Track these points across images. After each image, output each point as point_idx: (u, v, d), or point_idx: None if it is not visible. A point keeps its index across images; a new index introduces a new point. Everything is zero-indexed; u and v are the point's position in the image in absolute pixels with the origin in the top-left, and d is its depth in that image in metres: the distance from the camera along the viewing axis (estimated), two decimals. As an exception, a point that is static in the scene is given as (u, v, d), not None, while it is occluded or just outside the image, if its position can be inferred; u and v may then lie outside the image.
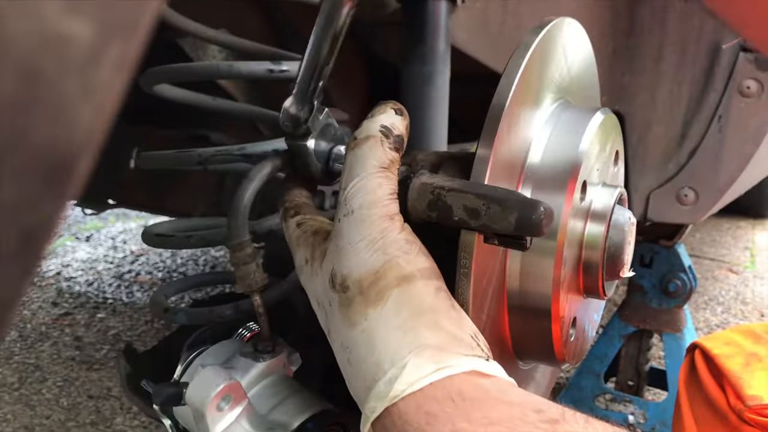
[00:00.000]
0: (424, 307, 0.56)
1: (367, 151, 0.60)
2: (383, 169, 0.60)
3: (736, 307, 3.11)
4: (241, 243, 0.66)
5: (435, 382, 0.52)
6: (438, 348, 0.54)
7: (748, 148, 1.36)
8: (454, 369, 0.53)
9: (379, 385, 0.54)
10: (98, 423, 1.88)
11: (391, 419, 0.53)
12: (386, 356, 0.54)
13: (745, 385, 0.88)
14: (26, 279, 0.22)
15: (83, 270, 3.10)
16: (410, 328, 0.55)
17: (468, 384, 0.53)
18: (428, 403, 0.52)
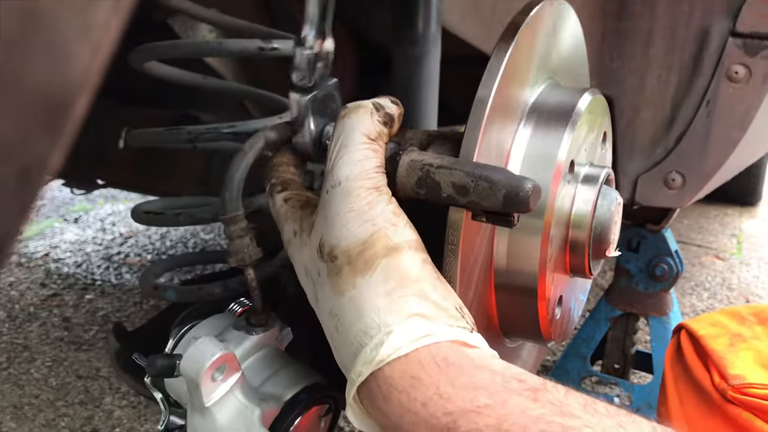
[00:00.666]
0: (411, 277, 0.57)
1: (355, 121, 0.61)
2: (371, 140, 0.60)
3: (722, 293, 3.14)
4: (235, 216, 0.67)
5: (420, 348, 0.53)
6: (424, 317, 0.55)
7: (735, 133, 1.37)
8: (439, 337, 0.54)
9: (365, 351, 0.55)
10: (87, 402, 1.89)
11: (377, 383, 0.54)
12: (373, 323, 0.55)
13: (729, 364, 0.89)
14: (22, 217, 0.22)
15: (72, 251, 3.09)
16: (398, 296, 0.56)
17: (453, 351, 0.54)
18: (413, 367, 0.53)
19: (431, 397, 0.51)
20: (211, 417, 0.64)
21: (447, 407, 0.51)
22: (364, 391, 0.56)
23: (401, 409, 0.52)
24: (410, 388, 0.52)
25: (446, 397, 0.51)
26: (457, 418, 0.50)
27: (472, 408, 0.50)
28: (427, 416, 0.51)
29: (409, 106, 1.09)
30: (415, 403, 0.52)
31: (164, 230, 3.44)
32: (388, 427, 0.54)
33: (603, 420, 0.48)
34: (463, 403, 0.50)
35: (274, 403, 0.67)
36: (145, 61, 0.91)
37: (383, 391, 0.53)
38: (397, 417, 0.53)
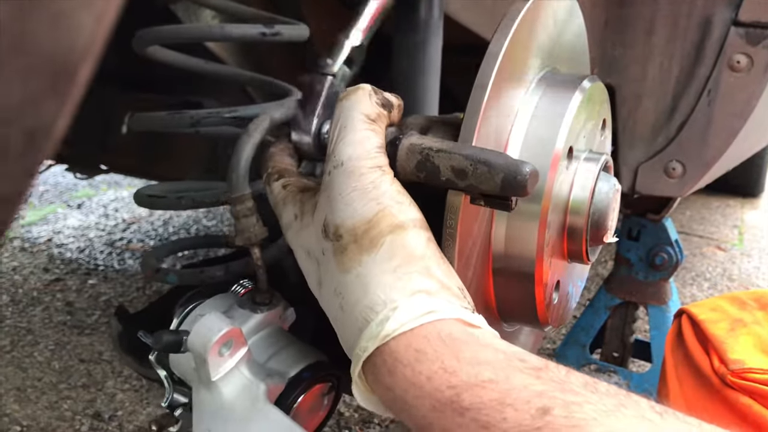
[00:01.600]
0: (416, 255, 0.58)
1: (354, 102, 0.62)
2: (370, 121, 0.61)
3: (723, 284, 3.15)
4: (242, 196, 0.67)
5: (426, 324, 0.54)
6: (429, 293, 0.56)
7: (736, 123, 1.37)
8: (444, 314, 0.55)
9: (371, 326, 0.56)
10: (90, 386, 1.90)
11: (382, 358, 0.55)
12: (379, 299, 0.56)
13: (729, 349, 0.90)
14: (29, 178, 0.23)
15: (75, 237, 3.11)
16: (403, 273, 0.57)
17: (457, 328, 0.55)
18: (418, 341, 0.53)
19: (436, 371, 0.52)
20: (217, 391, 0.65)
21: (451, 381, 0.51)
22: (369, 367, 0.56)
23: (406, 383, 0.53)
24: (415, 362, 0.53)
25: (451, 371, 0.52)
26: (461, 392, 0.50)
27: (477, 382, 0.51)
28: (432, 390, 0.52)
29: (410, 93, 1.10)
30: (419, 376, 0.52)
31: (167, 216, 3.45)
32: (393, 401, 0.55)
33: (603, 398, 0.49)
34: (467, 377, 0.51)
35: (279, 380, 0.68)
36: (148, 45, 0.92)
37: (388, 365, 0.54)
38: (402, 391, 0.53)
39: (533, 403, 0.48)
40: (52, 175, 4.03)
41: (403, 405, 0.54)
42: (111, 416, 1.77)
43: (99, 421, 1.75)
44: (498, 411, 0.49)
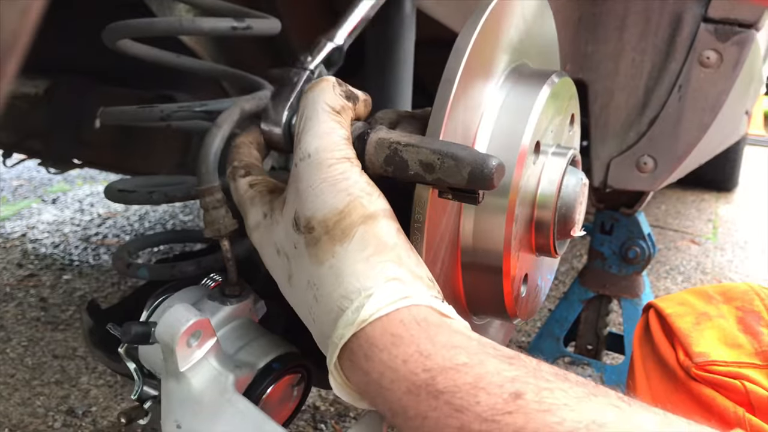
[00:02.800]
0: (388, 244, 0.58)
1: (318, 94, 0.62)
2: (335, 112, 0.62)
3: (696, 277, 3.19)
4: (211, 188, 0.67)
5: (401, 309, 0.55)
6: (402, 281, 0.57)
7: (706, 118, 1.39)
8: (418, 300, 0.56)
9: (347, 314, 0.56)
10: (63, 382, 1.89)
11: (358, 343, 0.55)
12: (353, 287, 0.57)
13: (694, 342, 0.91)
14: None
15: (49, 232, 3.08)
16: (376, 262, 0.57)
17: (431, 314, 0.55)
18: (394, 325, 0.54)
19: (411, 354, 0.53)
20: (185, 382, 0.65)
21: (426, 364, 0.52)
22: (345, 354, 0.57)
23: (382, 367, 0.54)
24: (391, 346, 0.53)
25: (426, 354, 0.52)
26: (436, 375, 0.51)
27: (451, 366, 0.51)
28: (407, 373, 0.52)
29: (383, 86, 1.11)
30: (395, 360, 0.53)
31: (143, 211, 3.43)
32: (368, 385, 0.55)
33: (574, 386, 0.50)
34: (442, 360, 0.52)
35: (248, 371, 0.68)
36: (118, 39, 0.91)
37: (365, 350, 0.55)
38: (378, 375, 0.54)
39: (506, 388, 0.49)
40: (27, 169, 3.99)
41: (378, 389, 0.54)
42: (85, 412, 1.76)
43: (73, 417, 1.74)
44: (471, 395, 0.49)
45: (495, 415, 0.48)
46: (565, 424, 0.46)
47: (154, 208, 3.46)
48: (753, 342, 0.89)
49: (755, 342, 0.89)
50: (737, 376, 0.84)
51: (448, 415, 0.50)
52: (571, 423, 0.46)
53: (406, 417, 0.53)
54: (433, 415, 0.51)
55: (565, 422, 0.46)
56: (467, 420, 0.49)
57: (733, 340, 0.90)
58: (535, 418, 0.47)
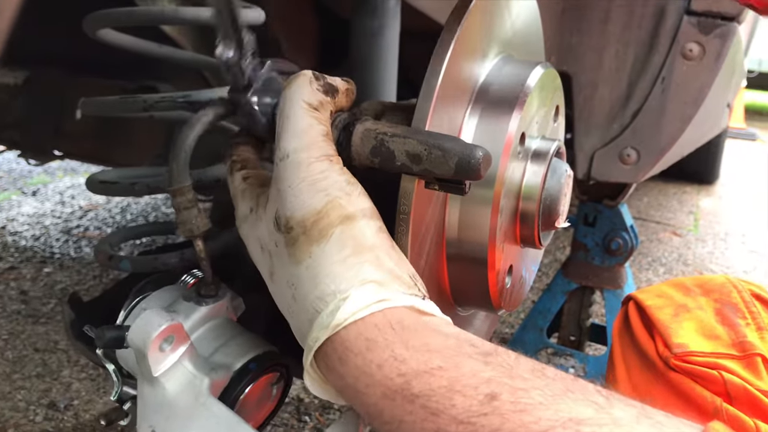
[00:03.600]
0: (366, 245, 0.58)
1: (294, 90, 0.61)
2: (313, 109, 0.61)
3: (678, 268, 3.22)
4: (182, 188, 0.66)
5: (376, 312, 0.54)
6: (380, 283, 0.56)
7: (688, 110, 1.40)
8: (394, 302, 0.55)
9: (322, 316, 0.56)
10: (44, 375, 1.87)
11: (333, 347, 0.55)
12: (330, 289, 0.56)
13: (673, 334, 0.92)
14: None
15: (29, 224, 3.04)
16: (353, 264, 0.57)
17: (407, 316, 0.55)
18: (369, 330, 0.54)
19: (386, 359, 0.52)
20: (160, 387, 0.64)
21: (401, 369, 0.52)
22: (320, 357, 0.56)
23: (357, 372, 0.53)
24: (366, 351, 0.53)
25: (401, 359, 0.52)
26: (411, 379, 0.51)
27: (426, 369, 0.51)
28: (382, 378, 0.52)
29: (367, 77, 1.10)
30: (370, 365, 0.53)
31: (125, 204, 3.40)
32: (344, 389, 0.55)
33: (551, 383, 0.50)
34: (417, 364, 0.51)
35: (224, 373, 0.67)
36: (99, 28, 0.90)
37: (339, 354, 0.54)
38: (353, 379, 0.54)
39: (481, 389, 0.49)
40: (6, 161, 3.94)
41: (354, 393, 0.54)
42: (67, 406, 1.75)
43: (54, 411, 1.73)
44: (447, 398, 0.49)
45: (471, 417, 0.48)
46: (541, 423, 0.46)
47: (135, 201, 3.44)
48: (730, 333, 0.90)
49: (732, 333, 0.90)
50: (715, 367, 0.85)
51: (423, 418, 0.50)
52: (547, 422, 0.46)
53: (383, 421, 0.53)
54: (409, 419, 0.51)
55: (541, 421, 0.46)
56: (443, 423, 0.49)
57: (711, 332, 0.91)
58: (510, 418, 0.47)
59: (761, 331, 0.90)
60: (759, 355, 0.86)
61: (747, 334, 0.89)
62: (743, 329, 0.89)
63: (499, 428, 0.47)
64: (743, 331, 0.89)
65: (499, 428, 0.47)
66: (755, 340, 0.88)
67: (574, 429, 0.45)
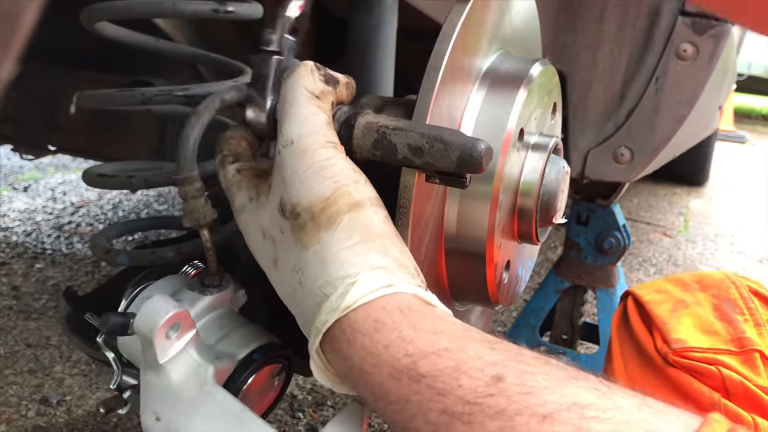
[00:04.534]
0: (374, 232, 0.58)
1: (296, 79, 0.62)
2: (315, 97, 0.61)
3: (668, 269, 3.24)
4: (190, 177, 0.66)
5: (385, 296, 0.55)
6: (387, 269, 0.57)
7: (682, 110, 1.41)
8: (402, 288, 0.56)
9: (331, 300, 0.56)
10: (36, 371, 1.86)
11: (341, 329, 0.55)
12: (338, 274, 0.57)
13: (672, 329, 0.92)
14: None
15: (21, 220, 3.03)
16: (362, 250, 0.57)
17: (414, 301, 0.56)
18: (377, 312, 0.55)
19: (394, 340, 0.53)
20: (165, 374, 0.65)
21: (408, 349, 0.52)
22: (327, 340, 0.57)
23: (364, 352, 0.54)
24: (374, 332, 0.54)
25: (408, 339, 0.53)
26: (418, 360, 0.52)
27: (433, 350, 0.52)
28: (389, 358, 0.53)
29: (365, 73, 1.10)
30: (377, 345, 0.53)
31: (116, 200, 3.39)
32: (350, 370, 0.56)
33: (554, 369, 0.50)
34: (424, 345, 0.52)
35: (228, 362, 0.67)
36: (97, 21, 0.90)
37: (347, 335, 0.55)
38: (360, 359, 0.54)
39: (487, 371, 0.49)
40: (-3, 157, 3.92)
41: (360, 374, 0.55)
42: (59, 401, 1.74)
43: (46, 407, 1.72)
44: (453, 378, 0.50)
45: (477, 398, 0.49)
46: (546, 405, 0.47)
47: (127, 197, 3.42)
48: (728, 329, 0.90)
49: (731, 329, 0.90)
50: (713, 362, 0.85)
51: (430, 398, 0.50)
52: (552, 405, 0.47)
53: (389, 401, 0.53)
54: (416, 398, 0.51)
55: (546, 404, 0.47)
56: (449, 403, 0.49)
57: (710, 327, 0.91)
58: (516, 400, 0.48)
59: (759, 327, 0.90)
60: (757, 350, 0.87)
61: (745, 329, 0.89)
62: (741, 325, 0.90)
63: (504, 409, 0.47)
64: (741, 327, 0.90)
65: (505, 409, 0.47)
66: (753, 335, 0.89)
67: (578, 413, 0.46)
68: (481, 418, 0.48)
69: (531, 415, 0.47)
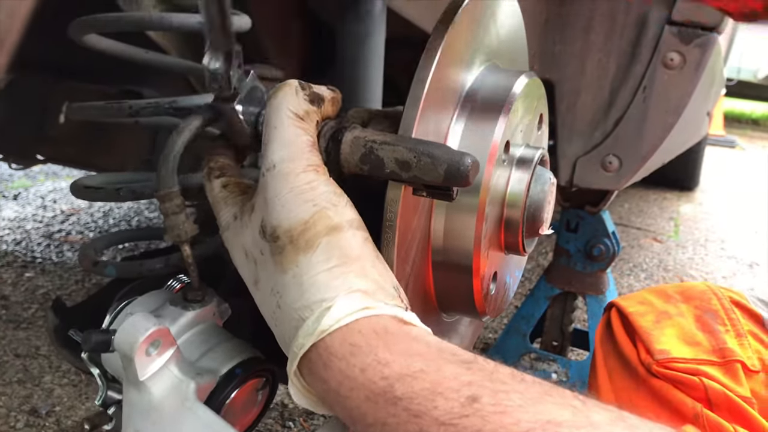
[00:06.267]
0: (352, 255, 0.58)
1: (281, 100, 0.62)
2: (299, 118, 0.61)
3: (659, 274, 3.25)
4: (170, 193, 0.66)
5: (360, 319, 0.55)
6: (365, 292, 0.57)
7: (670, 119, 1.42)
8: (378, 311, 0.56)
9: (307, 323, 0.56)
10: (26, 381, 1.86)
11: (317, 353, 0.55)
12: (315, 298, 0.57)
13: (655, 340, 0.93)
14: None
15: (10, 229, 3.02)
16: (339, 273, 0.57)
17: (391, 324, 0.56)
18: (353, 335, 0.55)
19: (369, 363, 0.53)
20: (146, 391, 0.64)
21: (384, 372, 0.52)
22: (305, 363, 0.57)
23: (341, 376, 0.54)
24: (349, 355, 0.54)
25: (384, 362, 0.53)
26: (394, 382, 0.52)
27: (409, 373, 0.52)
28: (365, 381, 0.53)
29: (353, 83, 1.11)
30: (354, 369, 0.54)
31: (107, 208, 3.38)
32: (327, 394, 0.56)
33: (529, 387, 0.51)
34: (399, 368, 0.52)
35: (210, 377, 0.67)
36: (85, 33, 0.90)
37: (323, 359, 0.55)
38: (336, 384, 0.54)
39: (463, 392, 0.50)
40: (-14, 164, 3.90)
41: (337, 398, 0.55)
42: (48, 412, 1.73)
43: (36, 417, 1.71)
44: (429, 400, 0.50)
45: (452, 419, 0.49)
46: (521, 424, 0.47)
47: (118, 205, 3.41)
48: (711, 339, 0.91)
49: (713, 339, 0.91)
50: (696, 373, 0.86)
51: (406, 420, 0.51)
52: (527, 423, 0.47)
53: (366, 424, 0.53)
54: (392, 421, 0.51)
55: (521, 423, 0.47)
56: (425, 424, 0.50)
57: (692, 338, 0.92)
58: (491, 420, 0.48)
59: (740, 337, 0.91)
60: (738, 361, 0.87)
61: (727, 340, 0.90)
62: (723, 336, 0.91)
63: (480, 430, 0.48)
64: (723, 338, 0.90)
65: (481, 430, 0.48)
66: (735, 346, 0.90)
67: (552, 431, 0.46)
68: None
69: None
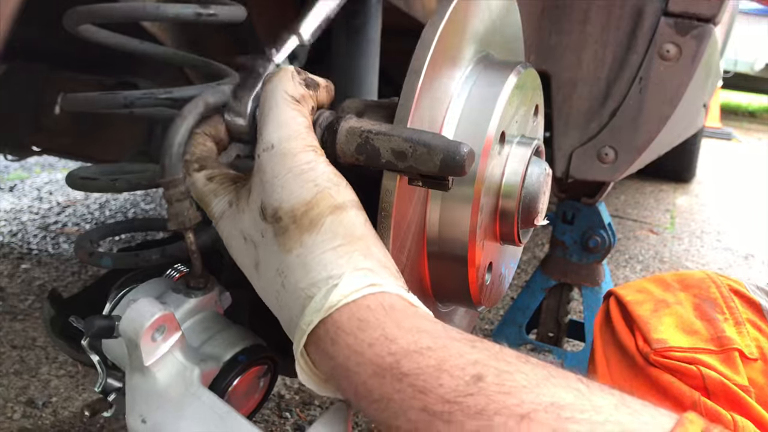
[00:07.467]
0: (356, 234, 0.59)
1: (277, 83, 0.63)
2: (294, 101, 0.62)
3: (654, 266, 3.26)
4: (175, 180, 0.66)
5: (368, 295, 0.56)
6: (371, 270, 0.58)
7: (665, 110, 1.42)
8: (385, 288, 0.57)
9: (315, 300, 0.57)
10: (22, 372, 1.86)
11: (325, 328, 0.56)
12: (322, 275, 0.57)
13: (653, 329, 0.93)
14: None
15: (6, 220, 3.01)
16: (345, 252, 0.58)
17: (398, 301, 0.57)
18: (361, 311, 0.55)
19: (377, 338, 0.54)
20: (150, 376, 0.65)
21: (391, 348, 0.53)
22: (312, 341, 0.57)
23: (348, 351, 0.55)
24: (357, 330, 0.54)
25: (391, 338, 0.53)
26: (401, 359, 0.52)
27: (416, 349, 0.52)
28: (373, 356, 0.53)
29: (349, 75, 1.11)
30: (362, 344, 0.54)
31: (103, 200, 3.38)
32: (335, 369, 0.56)
33: (534, 368, 0.51)
34: (407, 344, 0.53)
35: (214, 364, 0.68)
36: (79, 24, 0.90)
37: (331, 334, 0.56)
38: (344, 358, 0.55)
39: (468, 370, 0.50)
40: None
41: (344, 372, 0.55)
42: (45, 403, 1.74)
43: (32, 408, 1.71)
44: (435, 377, 0.51)
45: (457, 397, 0.49)
46: (524, 405, 0.47)
47: (114, 197, 3.41)
48: (709, 328, 0.91)
49: (711, 328, 0.91)
50: (694, 362, 0.86)
51: (411, 396, 0.51)
52: (530, 405, 0.47)
53: (371, 399, 0.54)
54: (398, 397, 0.52)
55: (524, 404, 0.48)
56: (430, 401, 0.50)
57: (690, 327, 0.92)
58: (495, 399, 0.48)
59: (739, 326, 0.91)
60: (736, 349, 0.88)
61: (725, 329, 0.90)
62: (721, 324, 0.91)
63: (483, 408, 0.48)
64: (721, 326, 0.91)
65: (484, 408, 0.48)
66: (733, 334, 0.90)
67: (555, 413, 0.46)
68: (460, 417, 0.49)
69: (509, 416, 0.47)
